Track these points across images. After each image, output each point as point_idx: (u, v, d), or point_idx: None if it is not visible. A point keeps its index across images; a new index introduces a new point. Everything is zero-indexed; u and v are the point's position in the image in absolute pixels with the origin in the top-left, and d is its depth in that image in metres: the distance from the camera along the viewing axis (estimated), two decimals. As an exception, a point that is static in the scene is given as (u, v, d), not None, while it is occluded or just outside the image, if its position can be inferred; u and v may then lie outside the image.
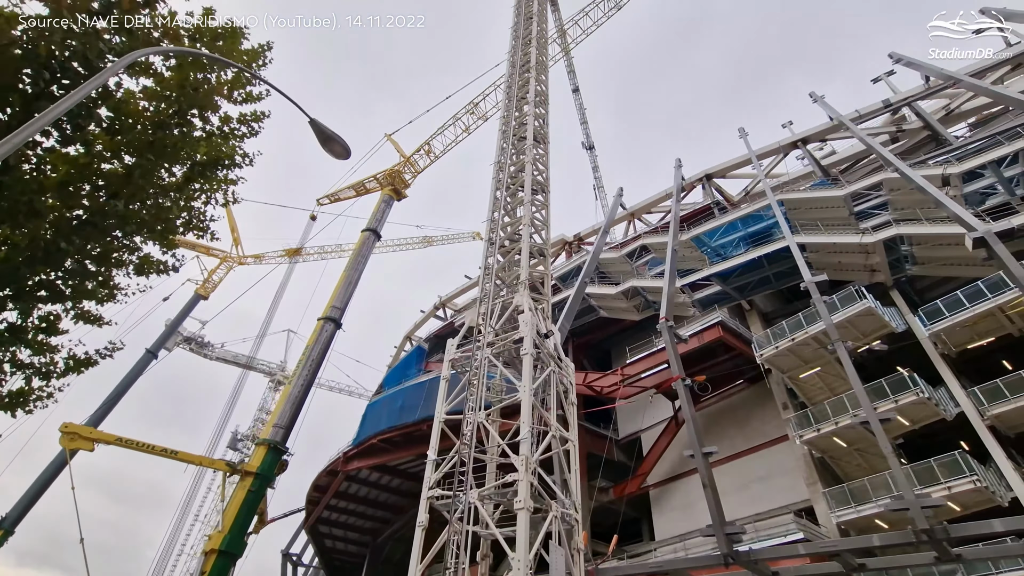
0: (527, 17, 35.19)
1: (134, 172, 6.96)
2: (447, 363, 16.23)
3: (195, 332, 78.69)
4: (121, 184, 6.98)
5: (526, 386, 13.58)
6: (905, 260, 23.69)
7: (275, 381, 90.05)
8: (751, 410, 26.27)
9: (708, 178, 36.79)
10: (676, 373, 19.19)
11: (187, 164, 7.79)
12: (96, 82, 5.13)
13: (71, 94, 4.79)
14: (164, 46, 6.67)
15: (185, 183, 8.05)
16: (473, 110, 44.01)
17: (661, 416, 29.22)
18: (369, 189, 44.43)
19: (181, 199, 8.30)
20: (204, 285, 59.88)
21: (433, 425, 14.86)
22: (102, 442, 24.35)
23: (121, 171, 7.32)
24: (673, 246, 25.98)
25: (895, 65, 32.44)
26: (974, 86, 25.64)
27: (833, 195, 25.42)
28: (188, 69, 7.10)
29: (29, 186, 6.10)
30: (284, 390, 28.50)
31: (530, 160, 22.67)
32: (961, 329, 20.67)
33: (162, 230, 8.01)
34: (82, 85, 5.05)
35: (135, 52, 5.71)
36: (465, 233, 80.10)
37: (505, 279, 18.50)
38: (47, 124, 4.89)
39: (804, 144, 33.48)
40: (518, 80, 28.73)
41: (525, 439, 12.53)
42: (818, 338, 21.63)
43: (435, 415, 15.04)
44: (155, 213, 7.61)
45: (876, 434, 15.56)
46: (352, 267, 35.21)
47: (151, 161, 7.09)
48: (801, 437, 21.18)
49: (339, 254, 73.85)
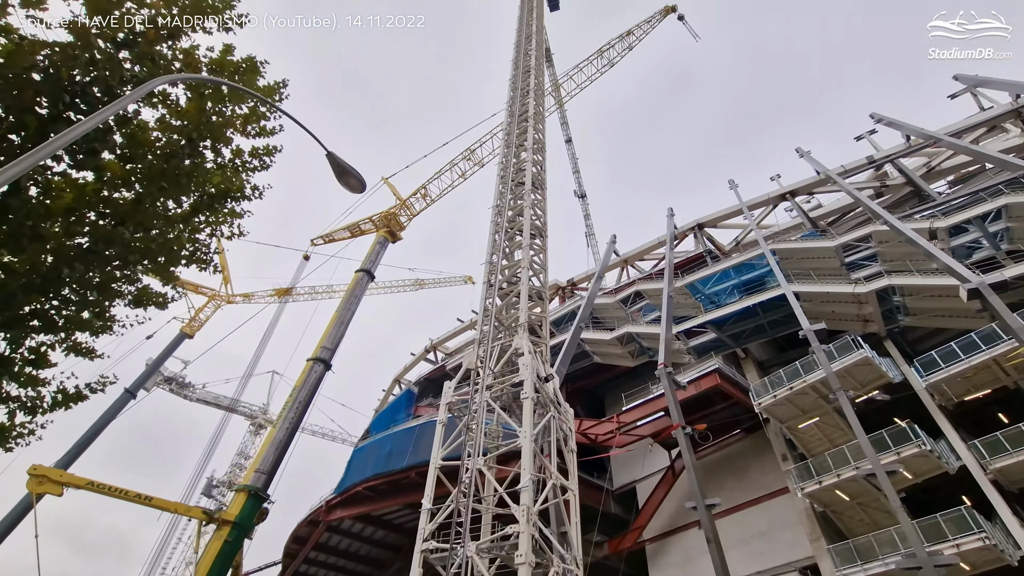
0: (525, 70, 36.57)
1: (143, 200, 6.81)
2: (444, 406, 15.74)
3: (177, 372, 76.69)
4: (129, 212, 6.80)
5: (526, 431, 13.14)
6: (897, 311, 23.92)
7: (256, 425, 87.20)
8: (749, 461, 25.71)
9: (700, 227, 37.49)
10: (676, 421, 18.80)
11: (196, 195, 7.67)
12: (119, 105, 5.07)
13: (92, 116, 4.69)
14: (189, 74, 6.68)
15: (191, 214, 7.91)
16: (470, 156, 44.98)
17: (657, 466, 28.49)
18: (364, 230, 44.61)
19: (186, 230, 8.13)
20: (190, 324, 58.71)
21: (428, 471, 14.22)
22: (72, 486, 23.05)
23: (130, 199, 7.16)
24: (669, 292, 26.05)
25: (876, 125, 33.92)
26: (953, 145, 26.77)
27: (824, 246, 25.91)
28: (205, 100, 7.10)
29: (36, 210, 5.90)
30: (269, 433, 27.47)
31: (528, 205, 22.94)
32: (958, 381, 20.64)
33: (164, 262, 7.78)
34: (104, 108, 4.96)
35: (163, 77, 5.69)
36: (457, 277, 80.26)
37: (504, 321, 18.27)
38: (64, 146, 4.76)
39: (792, 196, 34.44)
40: (516, 129, 29.51)
41: (526, 488, 11.99)
42: (816, 387, 21.48)
43: (431, 460, 14.41)
44: (161, 243, 7.40)
45: (883, 487, 15.18)
46: (344, 307, 34.84)
47: (162, 190, 6.95)
48: (803, 489, 20.64)
49: (329, 295, 73.33)
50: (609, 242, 40.54)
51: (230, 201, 8.10)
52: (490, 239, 22.74)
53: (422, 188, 43.98)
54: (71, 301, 7.01)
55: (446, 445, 15.12)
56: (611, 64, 48.84)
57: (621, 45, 49.02)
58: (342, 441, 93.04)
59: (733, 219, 37.49)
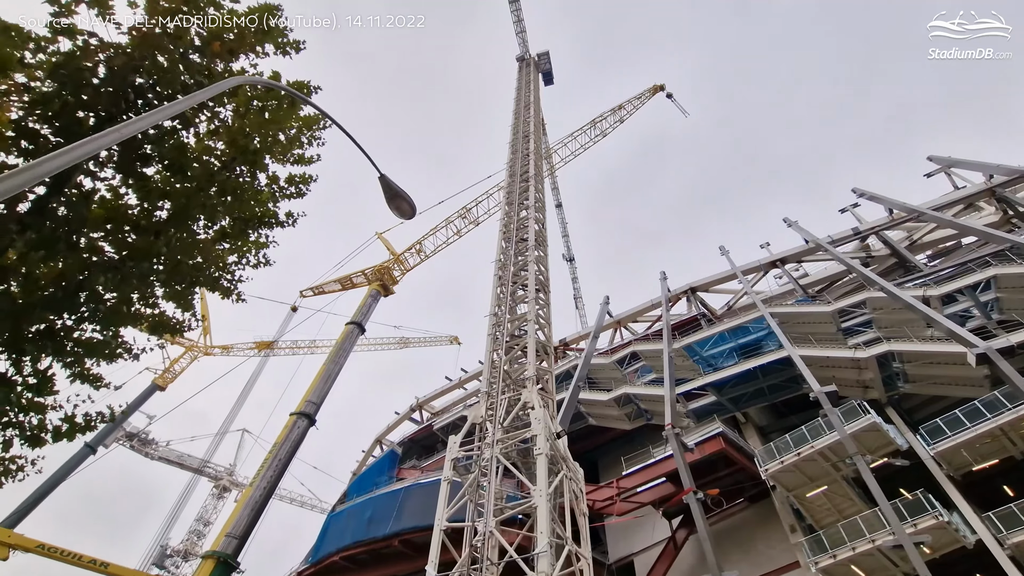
0: (524, 135, 38.01)
1: (180, 218, 6.43)
2: (449, 462, 14.79)
3: (140, 428, 72.40)
4: (163, 230, 6.41)
5: (542, 489, 12.30)
6: (896, 377, 23.93)
7: (221, 487, 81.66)
8: (754, 531, 24.55)
9: (693, 291, 37.91)
10: (687, 485, 17.94)
11: (229, 219, 7.33)
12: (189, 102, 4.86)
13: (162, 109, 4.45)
14: (265, 80, 6.53)
15: (220, 238, 7.52)
16: (465, 215, 45.64)
17: (657, 537, 26.99)
18: (356, 284, 44.14)
19: (213, 254, 7.70)
20: (163, 375, 56.14)
21: (433, 535, 13.07)
22: (20, 549, 20.90)
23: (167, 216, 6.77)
24: (669, 352, 25.81)
25: (859, 199, 35.53)
26: (938, 219, 28.03)
27: (821, 310, 26.23)
28: (255, 120, 6.92)
29: (77, 214, 5.47)
30: (244, 492, 25.53)
31: (532, 259, 23.00)
32: (965, 450, 20.36)
33: (186, 286, 7.28)
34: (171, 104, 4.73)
35: (240, 78, 5.54)
36: (443, 336, 79.25)
37: (511, 374, 17.69)
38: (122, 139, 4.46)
39: (783, 264, 35.30)
40: (517, 187, 30.20)
41: (544, 553, 11.03)
42: (825, 453, 20.95)
43: (436, 522, 13.31)
44: (189, 265, 6.95)
45: (911, 559, 14.41)
46: (332, 360, 33.70)
47: (201, 207, 6.60)
48: (816, 564, 19.56)
49: (312, 350, 71.48)
50: (602, 303, 40.64)
51: (262, 227, 7.77)
52: (493, 292, 22.57)
53: (417, 243, 44.14)
54: (85, 319, 6.41)
55: (451, 505, 14.05)
56: (603, 134, 51.21)
57: (613, 118, 51.65)
58: (311, 507, 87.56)
59: (725, 284, 38.07)
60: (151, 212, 6.35)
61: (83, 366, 6.52)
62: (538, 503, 12.16)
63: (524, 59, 54.72)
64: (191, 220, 6.68)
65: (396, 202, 7.55)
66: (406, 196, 7.50)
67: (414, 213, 7.71)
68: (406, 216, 7.76)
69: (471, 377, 46.39)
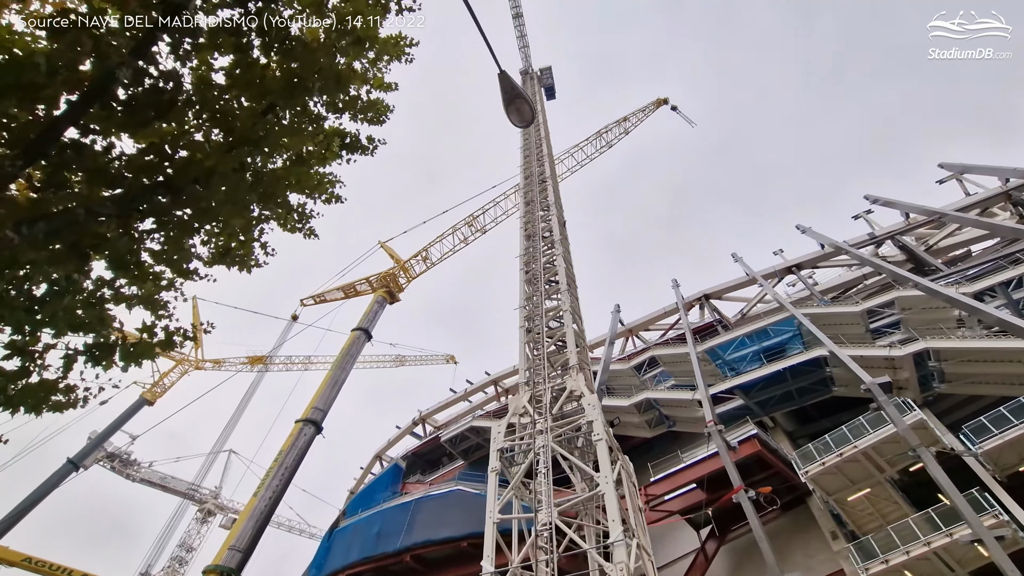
0: (536, 143, 37.71)
1: (289, 91, 5.44)
2: (494, 452, 13.62)
3: (121, 447, 69.10)
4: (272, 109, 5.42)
5: (607, 476, 11.24)
6: (932, 377, 23.29)
7: (205, 511, 77.94)
8: (790, 540, 23.38)
9: (706, 298, 37.36)
10: (737, 483, 16.92)
11: (287, 156, 6.36)
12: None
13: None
14: None
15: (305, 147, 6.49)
16: (472, 223, 44.95)
17: (683, 548, 25.75)
18: (359, 291, 42.99)
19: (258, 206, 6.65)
20: (152, 389, 53.81)
21: (486, 529, 11.81)
22: (4, 562, 19.07)
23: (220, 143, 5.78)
24: (696, 353, 24.98)
25: (872, 205, 35.50)
26: (960, 218, 27.90)
27: (850, 311, 25.69)
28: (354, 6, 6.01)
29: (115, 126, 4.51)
30: (248, 503, 23.92)
31: (560, 253, 22.27)
32: (1011, 449, 19.63)
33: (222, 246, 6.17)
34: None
35: None
36: (439, 355, 77.74)
37: (553, 363, 16.68)
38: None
39: (798, 269, 34.93)
40: (536, 188, 29.66)
41: (619, 543, 9.92)
42: (868, 454, 20.10)
43: (487, 515, 12.08)
44: (281, 171, 5.92)
45: (993, 553, 13.46)
46: (339, 366, 32.44)
47: (306, 88, 5.59)
48: (867, 571, 18.48)
49: (306, 366, 69.47)
50: (613, 311, 39.85)
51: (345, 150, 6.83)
52: (521, 287, 21.74)
53: (423, 251, 43.24)
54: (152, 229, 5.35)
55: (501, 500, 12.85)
56: (609, 145, 51.26)
57: (618, 129, 51.80)
58: (300, 532, 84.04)
59: (738, 291, 37.60)
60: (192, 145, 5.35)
61: (146, 282, 5.39)
62: (605, 489, 11.09)
63: (527, 72, 54.94)
64: (301, 97, 5.67)
65: (516, 104, 6.66)
66: (527, 97, 6.61)
67: (534, 118, 6.84)
68: (525, 121, 6.84)
69: (476, 389, 45.05)
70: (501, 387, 43.37)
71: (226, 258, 6.30)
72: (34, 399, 4.77)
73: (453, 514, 27.33)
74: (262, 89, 5.37)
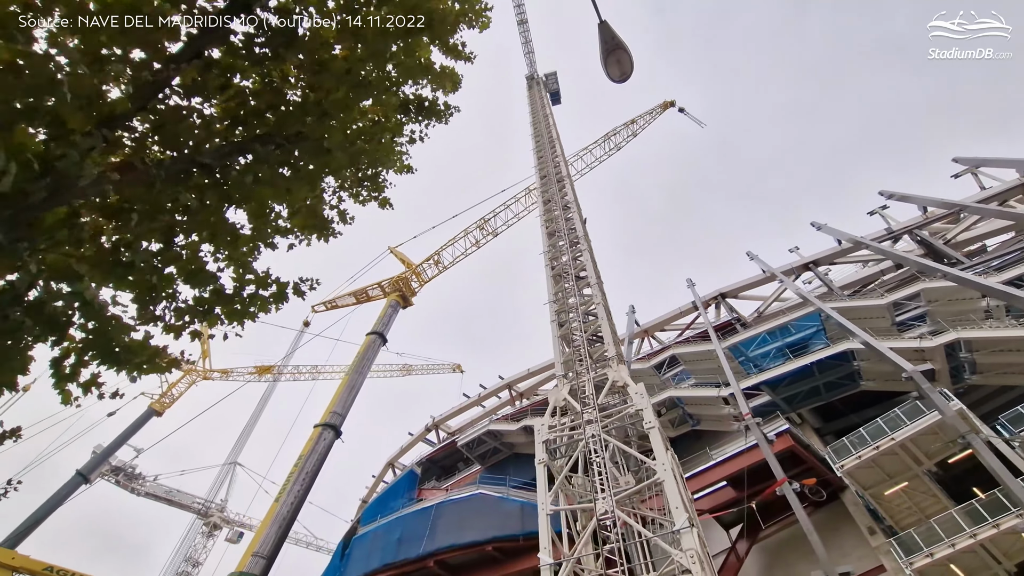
0: (550, 143, 37.65)
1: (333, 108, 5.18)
2: (540, 444, 13.28)
3: (127, 461, 68.25)
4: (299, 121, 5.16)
5: (664, 462, 10.93)
6: (963, 368, 22.99)
7: (211, 524, 76.90)
8: (824, 538, 22.76)
9: (723, 297, 37.09)
10: (780, 476, 16.55)
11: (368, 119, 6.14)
12: None
13: None
14: None
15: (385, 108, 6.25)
16: (483, 226, 44.80)
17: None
18: (372, 297, 42.71)
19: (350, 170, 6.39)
20: (160, 399, 53.28)
21: (540, 521, 11.43)
22: (25, 571, 18.61)
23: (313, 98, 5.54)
24: (723, 349, 24.69)
25: (887, 200, 35.39)
26: (982, 210, 27.74)
27: (876, 304, 25.43)
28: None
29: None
30: (270, 508, 23.45)
31: (587, 248, 22.07)
32: (1051, 439, 19.29)
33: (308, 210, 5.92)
34: None
35: None
36: (445, 364, 77.22)
37: (592, 355, 16.40)
38: None
39: (815, 266, 34.72)
40: (554, 187, 29.53)
41: (686, 530, 9.59)
42: (906, 446, 19.75)
43: (539, 507, 11.70)
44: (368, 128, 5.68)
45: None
46: (355, 370, 32.10)
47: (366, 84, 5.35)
48: (911, 566, 18.04)
49: (314, 376, 68.89)
50: (628, 312, 39.59)
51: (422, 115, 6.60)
52: (549, 282, 21.53)
53: (435, 255, 43.04)
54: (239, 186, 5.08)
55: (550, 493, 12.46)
56: (617, 148, 51.32)
57: (626, 131, 51.89)
58: (307, 545, 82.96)
59: (754, 289, 37.34)
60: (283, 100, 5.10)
61: (237, 246, 5.06)
62: (664, 476, 10.76)
63: (533, 77, 55.09)
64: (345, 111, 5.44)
65: (616, 55, 6.40)
66: (627, 49, 6.36)
67: (631, 72, 6.59)
68: (624, 75, 6.57)
69: (490, 394, 44.61)
70: (515, 391, 42.96)
71: (309, 226, 6.04)
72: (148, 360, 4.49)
73: (476, 518, 26.87)
74: (360, 37, 5.15)
